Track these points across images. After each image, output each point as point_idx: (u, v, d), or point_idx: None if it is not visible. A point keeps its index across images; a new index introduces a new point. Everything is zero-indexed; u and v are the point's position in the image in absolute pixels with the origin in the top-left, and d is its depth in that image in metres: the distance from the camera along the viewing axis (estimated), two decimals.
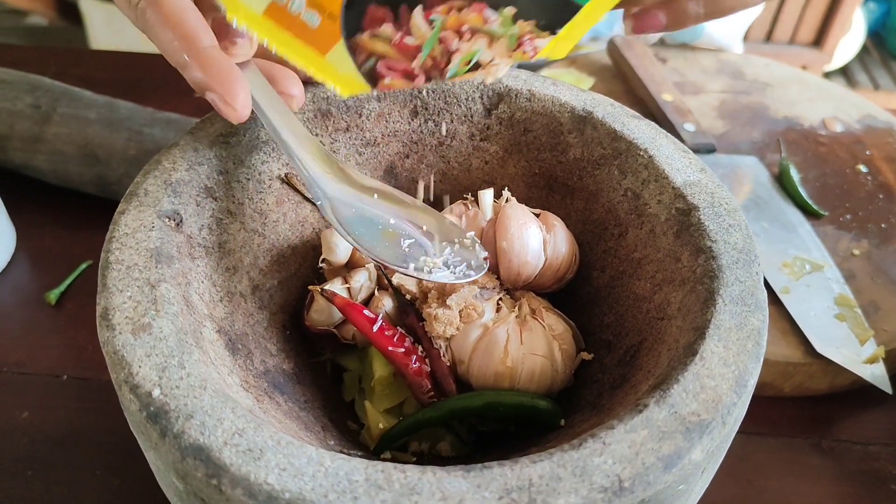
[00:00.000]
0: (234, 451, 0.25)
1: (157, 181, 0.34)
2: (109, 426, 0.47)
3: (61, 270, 0.57)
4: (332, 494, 0.25)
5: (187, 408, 0.26)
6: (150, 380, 0.27)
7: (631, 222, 0.37)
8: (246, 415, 0.27)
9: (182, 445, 0.26)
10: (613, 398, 0.33)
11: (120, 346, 0.28)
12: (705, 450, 0.27)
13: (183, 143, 0.36)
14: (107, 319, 0.29)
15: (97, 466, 0.45)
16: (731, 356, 0.29)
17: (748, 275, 0.32)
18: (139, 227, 0.32)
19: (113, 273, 0.30)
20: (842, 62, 1.79)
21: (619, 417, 0.27)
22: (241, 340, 0.35)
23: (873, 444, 0.48)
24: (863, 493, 0.46)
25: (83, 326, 0.53)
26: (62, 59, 0.81)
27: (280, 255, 0.39)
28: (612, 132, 0.38)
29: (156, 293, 0.30)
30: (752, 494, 0.44)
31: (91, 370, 0.50)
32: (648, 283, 0.36)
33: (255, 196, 0.38)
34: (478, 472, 0.26)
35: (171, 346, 0.28)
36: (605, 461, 0.26)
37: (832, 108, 0.69)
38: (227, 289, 0.35)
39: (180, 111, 0.63)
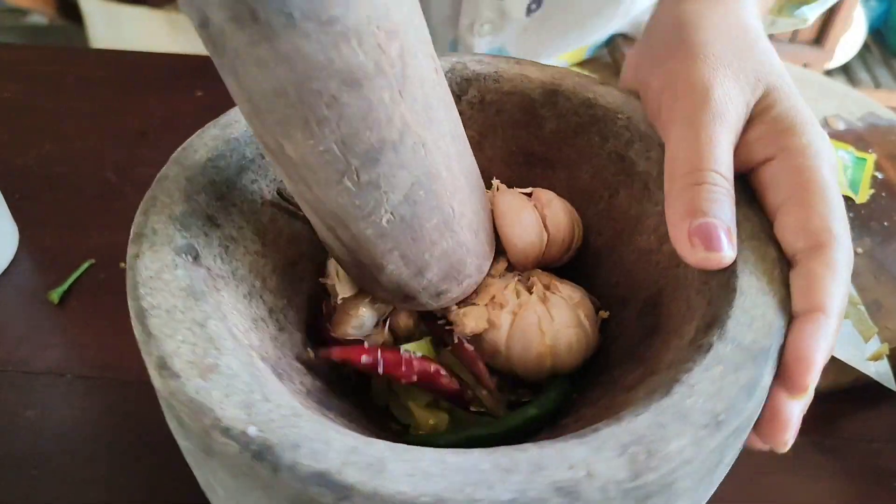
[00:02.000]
0: (356, 469, 0.25)
1: (161, 217, 0.33)
2: (115, 425, 0.48)
3: (64, 269, 0.57)
4: (468, 488, 0.25)
5: (290, 438, 0.26)
6: (239, 419, 0.26)
7: (620, 183, 0.39)
8: (349, 432, 0.26)
9: (301, 476, 0.25)
10: (652, 347, 0.35)
11: (194, 393, 0.27)
12: (771, 373, 0.29)
13: (173, 174, 0.34)
14: (167, 368, 0.27)
15: (102, 465, 0.46)
16: (764, 285, 0.31)
17: (754, 212, 0.34)
18: (161, 267, 0.31)
19: (154, 320, 0.29)
20: (843, 60, 1.81)
21: (692, 361, 0.29)
22: (279, 365, 0.34)
23: (876, 442, 0.49)
24: (865, 491, 0.46)
25: (86, 325, 0.53)
26: (62, 57, 0.81)
27: (284, 273, 0.38)
28: (585, 100, 0.40)
29: (208, 332, 0.29)
30: (755, 492, 0.46)
31: (94, 369, 0.50)
32: (652, 236, 0.38)
33: (251, 217, 0.37)
34: (590, 435, 0.27)
35: (246, 382, 0.27)
36: (696, 401, 0.28)
37: (834, 106, 0.70)
38: (250, 316, 0.34)
39: (181, 110, 0.65)
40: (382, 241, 0.32)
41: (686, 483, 0.27)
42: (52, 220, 0.61)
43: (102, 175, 0.67)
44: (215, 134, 0.37)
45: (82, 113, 0.74)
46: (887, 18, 1.94)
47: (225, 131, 0.37)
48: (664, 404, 0.27)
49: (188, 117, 0.64)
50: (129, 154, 0.69)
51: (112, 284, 0.57)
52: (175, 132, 0.38)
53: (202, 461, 0.28)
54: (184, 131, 0.37)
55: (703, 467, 0.28)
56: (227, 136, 0.36)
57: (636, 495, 0.26)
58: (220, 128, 0.37)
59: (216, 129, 0.37)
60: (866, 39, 1.89)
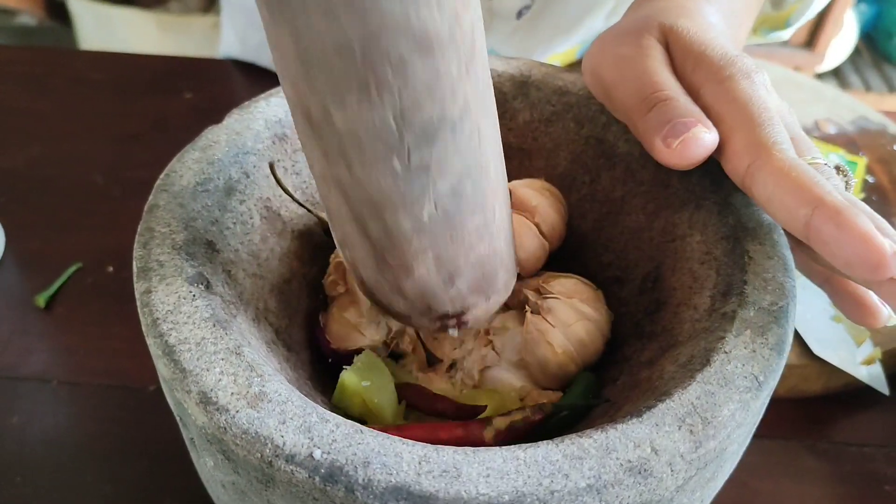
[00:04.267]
0: (432, 478, 0.25)
1: (163, 249, 0.31)
2: (101, 432, 0.47)
3: (51, 273, 0.56)
4: (545, 480, 0.25)
5: (358, 456, 0.25)
6: (302, 444, 0.25)
7: (601, 166, 0.40)
8: (415, 442, 0.26)
9: (377, 492, 0.24)
10: (661, 322, 0.36)
11: (248, 424, 0.26)
12: (792, 331, 0.31)
13: (164, 202, 0.33)
14: (212, 403, 0.26)
15: (88, 472, 0.45)
16: (768, 249, 0.33)
17: None
18: (178, 300, 0.29)
19: (185, 355, 0.28)
20: (834, 64, 1.81)
21: (721, 329, 0.30)
22: (301, 388, 0.33)
23: (868, 446, 0.49)
24: (858, 495, 0.47)
25: (73, 330, 0.53)
26: (52, 59, 0.80)
27: (281, 292, 0.37)
28: (557, 89, 0.41)
29: (245, 360, 0.28)
30: (747, 497, 0.46)
31: (81, 374, 0.50)
32: (641, 214, 0.39)
33: (244, 239, 0.35)
34: (648, 413, 0.27)
35: (299, 405, 0.26)
36: (736, 367, 0.29)
37: (825, 109, 0.71)
38: (263, 339, 0.33)
39: (170, 112, 0.64)
40: (419, 237, 0.29)
41: (734, 447, 0.29)
42: (39, 223, 0.61)
43: (90, 177, 0.65)
44: (197, 157, 0.35)
45: (70, 115, 0.73)
46: (878, 22, 1.96)
47: (206, 153, 0.35)
48: (707, 373, 0.28)
49: (177, 119, 0.64)
50: (118, 156, 0.67)
51: (99, 288, 0.56)
52: (164, 134, 0.37)
53: (257, 494, 0.27)
54: (172, 133, 0.36)
55: (749, 429, 0.29)
56: (211, 158, 0.35)
57: (698, 464, 0.27)
58: (201, 150, 0.36)
59: (196, 152, 0.35)
60: (857, 43, 1.90)
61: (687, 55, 0.35)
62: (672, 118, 0.32)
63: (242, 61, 0.81)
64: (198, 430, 0.27)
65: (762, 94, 0.32)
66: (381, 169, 0.27)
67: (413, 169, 0.27)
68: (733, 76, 0.32)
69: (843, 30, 1.80)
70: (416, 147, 0.26)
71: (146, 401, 0.48)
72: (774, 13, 0.63)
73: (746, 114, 0.31)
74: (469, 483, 0.25)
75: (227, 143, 0.36)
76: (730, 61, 0.33)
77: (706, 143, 0.31)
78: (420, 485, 0.25)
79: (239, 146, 0.36)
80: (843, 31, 1.81)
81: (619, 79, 0.36)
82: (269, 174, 0.37)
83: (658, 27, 0.36)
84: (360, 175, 0.27)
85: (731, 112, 0.32)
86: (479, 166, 0.29)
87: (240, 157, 0.36)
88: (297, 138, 0.38)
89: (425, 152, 0.27)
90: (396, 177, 0.27)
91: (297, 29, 0.24)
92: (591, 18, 0.71)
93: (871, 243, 0.27)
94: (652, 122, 0.33)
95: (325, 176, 0.29)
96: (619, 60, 0.36)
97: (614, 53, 0.36)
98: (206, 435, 0.27)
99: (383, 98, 0.25)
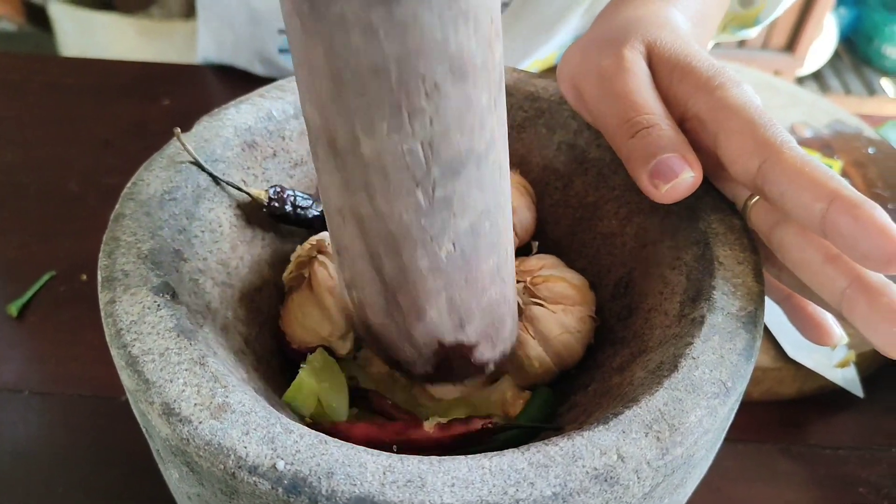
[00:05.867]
0: (396, 488, 0.25)
1: (129, 258, 0.31)
2: (73, 441, 0.47)
3: (23, 281, 0.56)
4: (511, 489, 0.25)
5: (322, 467, 0.25)
6: (265, 455, 0.25)
7: (574, 171, 0.40)
8: (380, 452, 0.26)
9: (341, 503, 0.24)
10: (632, 327, 0.36)
11: (210, 435, 0.25)
12: (760, 336, 0.31)
13: (130, 211, 0.33)
14: (175, 415, 0.26)
15: (59, 483, 0.45)
16: (737, 253, 0.33)
17: (712, 187, 0.36)
18: (143, 310, 0.29)
19: (149, 366, 0.27)
20: (814, 67, 1.82)
21: (689, 335, 0.30)
22: (270, 398, 0.33)
23: (842, 449, 0.49)
24: (832, 498, 0.47)
25: (46, 339, 0.52)
26: (27, 64, 0.80)
27: (251, 300, 0.37)
28: (528, 94, 0.41)
29: (209, 370, 0.27)
30: (722, 501, 0.46)
31: (54, 384, 0.50)
32: (613, 220, 0.39)
33: (213, 247, 0.35)
34: (615, 420, 0.27)
35: (262, 416, 0.26)
36: (704, 373, 0.29)
37: (802, 113, 0.72)
38: (231, 349, 0.33)
39: (147, 118, 0.65)
40: (434, 277, 0.28)
41: (702, 453, 0.28)
42: (12, 230, 0.60)
43: (65, 185, 0.65)
44: (165, 164, 0.35)
45: (46, 120, 0.72)
46: (857, 26, 1.98)
47: (174, 161, 0.35)
48: (675, 379, 0.28)
49: (154, 125, 0.64)
50: (94, 163, 0.67)
51: (72, 297, 0.56)
52: (141, 140, 0.37)
53: None
54: (150, 140, 0.36)
55: (716, 435, 0.29)
56: (178, 166, 0.35)
57: (665, 471, 0.27)
58: (169, 158, 0.35)
59: (164, 160, 0.35)
60: (837, 47, 1.92)
61: (672, 68, 0.35)
62: (656, 151, 0.32)
63: (220, 65, 0.81)
64: (162, 441, 0.27)
65: (755, 100, 0.32)
66: (404, 201, 0.26)
67: (436, 203, 0.26)
68: (724, 85, 0.33)
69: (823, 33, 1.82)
70: (441, 180, 0.26)
71: (118, 410, 0.47)
72: (743, 11, 0.63)
73: (745, 117, 0.32)
74: (434, 493, 0.25)
75: (195, 150, 0.36)
76: (718, 71, 0.34)
77: (692, 185, 0.32)
78: (384, 495, 0.24)
79: (208, 153, 0.36)
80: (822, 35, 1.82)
81: (599, 93, 0.36)
82: (239, 182, 0.37)
83: (640, 39, 0.36)
84: (382, 207, 0.26)
85: (729, 117, 0.32)
86: (498, 205, 0.28)
87: (208, 165, 0.36)
88: (266, 146, 0.38)
89: (449, 186, 0.26)
90: (419, 210, 0.26)
91: (332, 45, 0.23)
92: (569, 16, 0.71)
93: (888, 235, 0.27)
94: (636, 151, 0.33)
95: (342, 209, 0.28)
96: (599, 73, 0.36)
97: (594, 65, 0.36)
98: (170, 447, 0.27)
99: (414, 126, 0.24)
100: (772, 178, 0.30)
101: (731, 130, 0.32)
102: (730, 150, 0.32)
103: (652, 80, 0.35)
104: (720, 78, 0.33)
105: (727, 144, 0.32)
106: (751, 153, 0.31)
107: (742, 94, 0.33)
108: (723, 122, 0.32)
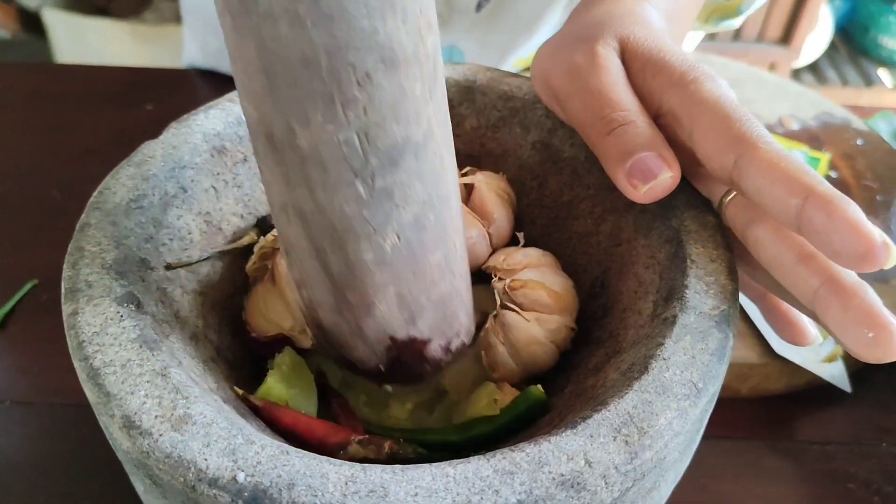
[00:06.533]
0: (359, 499, 0.24)
1: (93, 269, 0.30)
2: (54, 451, 0.46)
3: (5, 290, 0.55)
4: (475, 497, 0.24)
5: (283, 478, 0.25)
6: (225, 467, 0.25)
7: (548, 171, 0.40)
8: (344, 462, 0.25)
9: None
10: (608, 327, 0.35)
11: (171, 448, 0.25)
12: (734, 335, 0.30)
13: (95, 220, 0.32)
14: (135, 427, 0.26)
15: (41, 493, 0.45)
16: (710, 251, 0.33)
17: (686, 184, 0.35)
18: (105, 321, 0.29)
19: (110, 378, 0.27)
20: (810, 59, 1.81)
21: (661, 335, 0.30)
22: (240, 407, 0.32)
23: (830, 444, 0.49)
24: (821, 494, 0.46)
25: (28, 348, 0.52)
26: (9, 72, 0.80)
27: (224, 308, 0.36)
28: (502, 94, 0.40)
29: (171, 381, 0.27)
30: (709, 499, 0.45)
31: (35, 394, 0.49)
32: (588, 219, 0.38)
33: (182, 255, 0.35)
34: (583, 424, 0.27)
35: (224, 427, 0.26)
36: (675, 374, 0.28)
37: (789, 105, 0.71)
38: (201, 358, 0.33)
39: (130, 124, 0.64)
40: (381, 271, 0.29)
41: (674, 455, 0.28)
42: None
43: (47, 193, 0.65)
44: (132, 173, 0.35)
45: (29, 128, 0.72)
46: (853, 17, 1.97)
47: (141, 169, 0.35)
48: (645, 381, 0.28)
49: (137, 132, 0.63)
50: (76, 171, 0.66)
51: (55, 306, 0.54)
52: (123, 147, 0.37)
53: None
54: (132, 146, 0.35)
55: (688, 437, 0.28)
56: (146, 174, 0.34)
57: (634, 475, 0.26)
58: (136, 166, 0.35)
59: (131, 168, 0.35)
60: (833, 38, 1.92)
61: (645, 63, 0.34)
62: (633, 150, 0.32)
63: (205, 69, 0.80)
64: (124, 454, 0.27)
65: (730, 94, 0.32)
66: (344, 193, 0.26)
67: (377, 194, 0.26)
68: (698, 79, 0.32)
69: (819, 25, 1.81)
70: (380, 170, 0.26)
71: None
72: (725, 2, 0.62)
73: (720, 112, 0.31)
74: (397, 503, 0.24)
75: (163, 157, 0.35)
76: (692, 66, 0.33)
77: (671, 185, 0.32)
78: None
79: (175, 160, 0.35)
80: (818, 27, 1.82)
81: (573, 90, 0.35)
82: (208, 188, 0.36)
83: (613, 35, 0.36)
84: (323, 200, 0.27)
85: (703, 112, 0.32)
86: (441, 196, 0.28)
87: (176, 172, 0.35)
88: (236, 151, 0.37)
89: (389, 177, 0.26)
90: (360, 202, 0.27)
91: (262, 38, 0.23)
92: (549, 13, 0.70)
93: (861, 232, 0.27)
94: (612, 149, 0.32)
95: (286, 204, 0.28)
96: (572, 70, 0.35)
97: (567, 61, 0.36)
98: (132, 459, 0.26)
99: (349, 115, 0.25)
100: (747, 174, 0.30)
101: (705, 126, 0.31)
102: (705, 145, 0.31)
103: (626, 76, 0.35)
104: (694, 73, 0.33)
105: (702, 140, 0.31)
106: (726, 148, 0.30)
107: (717, 89, 0.32)
108: (697, 118, 0.32)
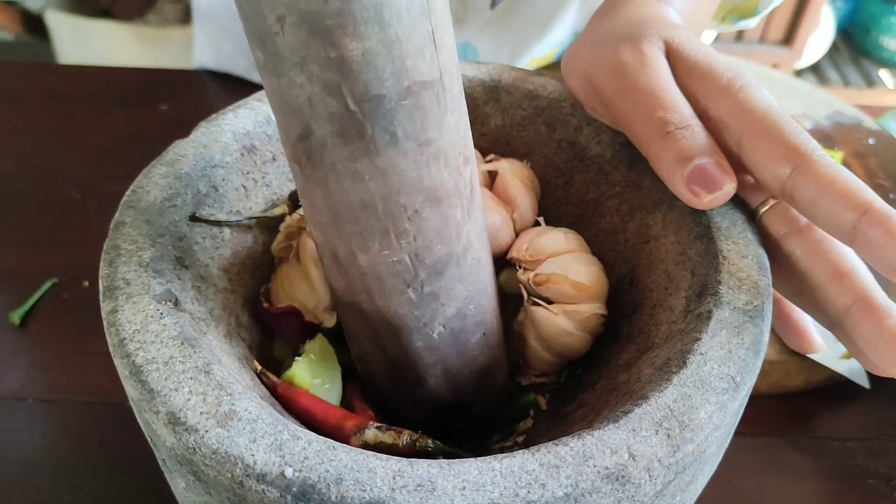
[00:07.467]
0: (407, 493, 0.24)
1: (130, 266, 0.30)
2: (77, 449, 0.47)
3: (25, 289, 0.56)
4: (522, 491, 0.25)
5: (331, 473, 0.25)
6: (273, 463, 0.25)
7: (574, 169, 0.40)
8: (389, 457, 0.26)
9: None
10: (639, 323, 0.35)
11: (217, 444, 0.25)
12: (768, 330, 0.31)
13: (130, 219, 0.32)
14: (181, 423, 0.26)
15: (64, 491, 0.45)
16: (742, 248, 0.33)
17: None
18: (146, 318, 0.29)
19: (153, 375, 0.27)
20: (812, 60, 1.82)
21: (696, 330, 0.30)
22: (275, 404, 0.32)
23: (850, 440, 0.49)
24: (842, 489, 0.47)
25: (49, 347, 0.53)
26: (24, 73, 0.80)
27: (254, 307, 0.37)
28: (527, 93, 0.40)
29: (214, 378, 0.27)
30: (731, 494, 0.46)
31: (57, 392, 0.50)
32: (615, 216, 0.38)
33: (214, 254, 0.35)
34: (624, 418, 0.27)
35: (270, 423, 0.26)
36: (713, 368, 0.28)
37: (800, 105, 0.72)
38: (236, 356, 0.33)
39: (145, 124, 0.65)
40: (430, 353, 0.32)
41: (713, 449, 0.28)
42: (13, 240, 0.61)
43: (65, 192, 0.65)
44: (164, 171, 0.35)
45: (44, 129, 0.72)
46: (854, 17, 1.98)
47: (174, 168, 0.35)
48: (683, 376, 0.28)
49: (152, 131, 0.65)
50: (93, 170, 0.67)
51: (75, 304, 0.56)
52: (139, 147, 0.38)
53: None
54: (148, 146, 0.36)
55: (726, 431, 0.29)
56: (178, 173, 0.35)
57: (676, 468, 0.26)
58: (168, 165, 0.35)
59: (164, 167, 0.35)
60: (834, 39, 1.92)
61: (691, 67, 0.35)
62: (692, 155, 0.32)
63: (217, 72, 0.81)
64: (167, 450, 0.27)
65: (775, 105, 0.33)
66: (398, 299, 0.30)
67: (425, 297, 0.31)
68: (745, 87, 0.33)
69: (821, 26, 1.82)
70: (428, 280, 0.30)
71: (124, 417, 0.47)
72: (743, 2, 0.63)
73: (771, 121, 0.32)
74: (445, 497, 0.24)
75: (194, 156, 0.35)
76: (738, 74, 0.33)
77: (729, 196, 0.32)
78: (395, 500, 0.24)
79: (207, 159, 0.36)
80: (820, 28, 1.83)
81: (620, 88, 0.35)
82: (239, 187, 0.37)
83: (658, 36, 0.36)
84: (380, 304, 0.31)
85: (753, 121, 0.32)
86: (479, 290, 0.33)
87: (208, 171, 0.35)
88: (265, 150, 0.38)
89: (436, 284, 0.30)
90: (412, 305, 0.31)
91: (329, 187, 0.27)
92: (563, 11, 0.71)
93: None
94: (668, 151, 0.32)
95: (348, 303, 0.32)
96: (619, 68, 0.35)
97: (612, 59, 0.36)
98: (176, 456, 0.26)
99: (401, 243, 0.29)
100: (803, 186, 0.30)
101: (756, 134, 0.32)
102: (757, 154, 0.32)
103: (673, 77, 0.35)
104: (741, 80, 0.33)
105: (753, 149, 0.32)
106: (781, 159, 0.31)
107: (764, 98, 0.33)
108: (748, 126, 0.32)
